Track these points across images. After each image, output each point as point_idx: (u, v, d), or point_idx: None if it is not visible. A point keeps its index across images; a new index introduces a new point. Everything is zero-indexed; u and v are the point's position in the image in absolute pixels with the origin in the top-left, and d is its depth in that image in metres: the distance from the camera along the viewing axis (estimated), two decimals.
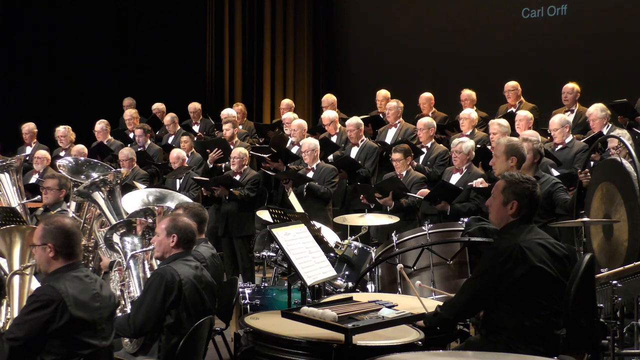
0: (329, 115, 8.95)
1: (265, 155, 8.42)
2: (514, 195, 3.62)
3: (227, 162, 8.48)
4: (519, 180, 3.65)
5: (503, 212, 3.65)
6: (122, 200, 5.21)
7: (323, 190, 7.59)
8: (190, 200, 5.47)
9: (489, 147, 7.44)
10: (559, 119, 7.11)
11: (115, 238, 4.56)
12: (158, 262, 4.50)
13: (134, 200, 5.14)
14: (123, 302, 4.38)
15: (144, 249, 4.50)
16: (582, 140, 7.15)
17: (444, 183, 6.89)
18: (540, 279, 3.50)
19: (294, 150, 8.69)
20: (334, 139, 8.76)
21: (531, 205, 3.64)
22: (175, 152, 8.50)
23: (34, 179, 8.44)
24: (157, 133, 10.21)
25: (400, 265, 4.45)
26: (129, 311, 4.24)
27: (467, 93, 9.12)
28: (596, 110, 7.27)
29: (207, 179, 8.00)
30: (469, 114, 8.18)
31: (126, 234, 4.57)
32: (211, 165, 8.69)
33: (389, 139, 8.66)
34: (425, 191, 6.90)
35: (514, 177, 3.69)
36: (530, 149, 5.37)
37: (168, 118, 10.01)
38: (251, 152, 8.46)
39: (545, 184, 5.37)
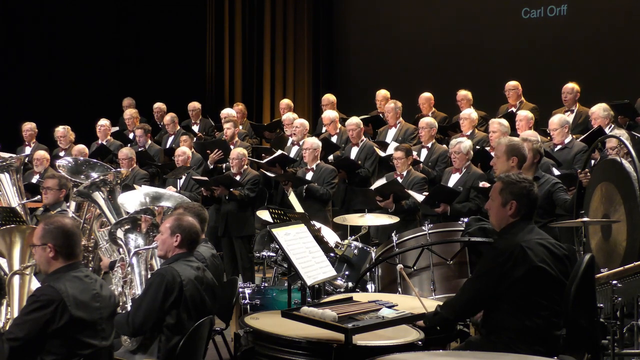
0: (330, 114, 8.95)
1: (263, 162, 8.44)
2: (512, 195, 3.62)
3: (227, 163, 8.49)
4: (516, 180, 3.66)
5: (502, 214, 3.65)
6: (119, 200, 5.19)
7: (322, 191, 7.59)
8: (187, 200, 5.46)
9: (487, 148, 7.45)
10: (558, 119, 7.11)
11: (120, 233, 4.55)
12: (158, 262, 4.50)
13: (130, 201, 5.12)
14: (124, 299, 4.38)
15: (147, 247, 4.50)
16: (579, 140, 7.15)
17: (441, 186, 6.89)
18: (541, 279, 3.50)
19: (294, 149, 8.70)
20: (334, 139, 8.76)
21: (530, 204, 3.65)
22: (180, 149, 8.52)
23: (34, 180, 8.44)
24: (155, 137, 10.19)
25: (400, 266, 4.43)
26: (129, 309, 4.25)
27: (463, 93, 9.10)
28: (599, 109, 7.28)
29: (207, 178, 8.01)
30: (469, 114, 8.18)
31: (130, 230, 4.57)
32: (212, 166, 8.70)
33: (389, 139, 8.66)
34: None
35: (510, 177, 3.70)
36: (530, 149, 5.38)
37: (168, 118, 10.00)
38: (249, 158, 8.45)
39: (545, 184, 5.39)
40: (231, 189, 7.80)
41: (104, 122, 9.78)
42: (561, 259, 3.60)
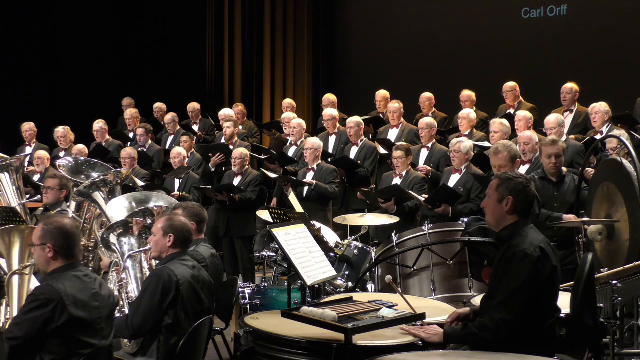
0: (331, 112, 8.93)
1: (262, 157, 8.42)
2: (508, 191, 3.57)
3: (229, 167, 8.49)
4: (512, 177, 3.64)
5: (499, 210, 3.59)
6: (107, 209, 5.15)
7: (331, 189, 7.64)
8: (175, 200, 5.45)
9: (485, 152, 7.45)
10: (555, 118, 7.10)
11: (112, 239, 4.55)
12: (156, 261, 4.50)
13: (117, 208, 5.07)
14: (121, 303, 4.38)
15: (141, 249, 4.50)
16: (582, 142, 7.14)
17: (445, 186, 6.88)
18: (556, 278, 3.47)
19: (293, 149, 8.70)
20: (332, 138, 8.76)
21: (527, 201, 3.60)
22: (176, 150, 8.50)
23: (35, 179, 8.45)
24: (157, 136, 10.20)
25: (388, 277, 4.18)
26: (127, 312, 4.24)
27: (467, 94, 9.12)
28: (600, 106, 7.32)
29: (209, 187, 8.02)
30: (468, 114, 8.19)
31: (123, 234, 4.56)
32: (213, 169, 8.71)
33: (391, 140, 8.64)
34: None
35: (507, 174, 3.69)
36: (564, 149, 5.67)
37: (169, 117, 10.01)
38: (250, 153, 8.48)
39: (572, 182, 5.59)
40: (231, 194, 7.80)
41: (98, 126, 9.74)
42: (559, 260, 3.59)
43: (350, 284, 5.61)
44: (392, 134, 8.71)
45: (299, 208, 7.23)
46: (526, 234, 3.53)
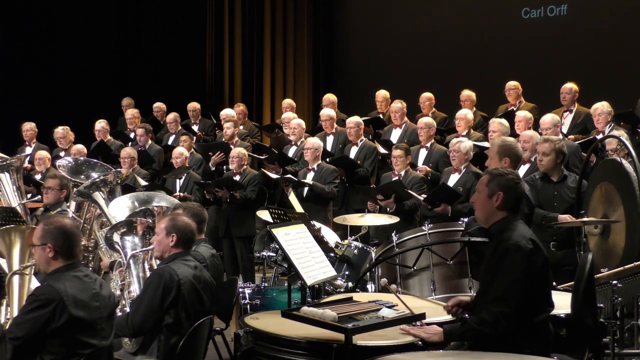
0: (328, 112, 8.94)
1: (262, 157, 8.42)
2: (499, 187, 3.59)
3: (228, 166, 8.49)
4: (502, 172, 3.66)
5: (489, 206, 3.61)
6: (109, 208, 5.15)
7: (328, 190, 7.63)
8: (177, 201, 5.45)
9: (485, 151, 7.45)
10: (550, 118, 7.08)
11: (116, 237, 4.56)
12: (158, 261, 4.50)
13: (120, 208, 5.07)
14: (123, 302, 4.39)
15: (144, 249, 4.50)
16: (577, 142, 7.13)
17: (444, 186, 6.88)
18: (548, 271, 3.49)
19: (293, 149, 8.70)
20: (330, 138, 8.77)
21: (516, 197, 3.62)
22: (177, 150, 8.51)
23: (37, 179, 8.46)
24: (157, 135, 10.20)
25: (384, 280, 4.18)
26: (128, 311, 4.25)
27: (467, 94, 9.11)
28: (602, 106, 7.31)
29: (209, 182, 8.02)
30: (466, 114, 8.17)
31: (127, 233, 4.57)
32: (213, 168, 8.70)
33: (393, 140, 8.62)
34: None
35: (497, 170, 3.71)
36: (552, 149, 5.53)
37: (171, 117, 10.02)
38: (249, 153, 8.48)
39: (575, 183, 5.53)
40: (232, 192, 7.80)
41: (100, 125, 9.74)
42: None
43: (350, 284, 5.61)
44: (395, 134, 8.71)
45: (299, 208, 7.23)
46: (516, 228, 3.55)
